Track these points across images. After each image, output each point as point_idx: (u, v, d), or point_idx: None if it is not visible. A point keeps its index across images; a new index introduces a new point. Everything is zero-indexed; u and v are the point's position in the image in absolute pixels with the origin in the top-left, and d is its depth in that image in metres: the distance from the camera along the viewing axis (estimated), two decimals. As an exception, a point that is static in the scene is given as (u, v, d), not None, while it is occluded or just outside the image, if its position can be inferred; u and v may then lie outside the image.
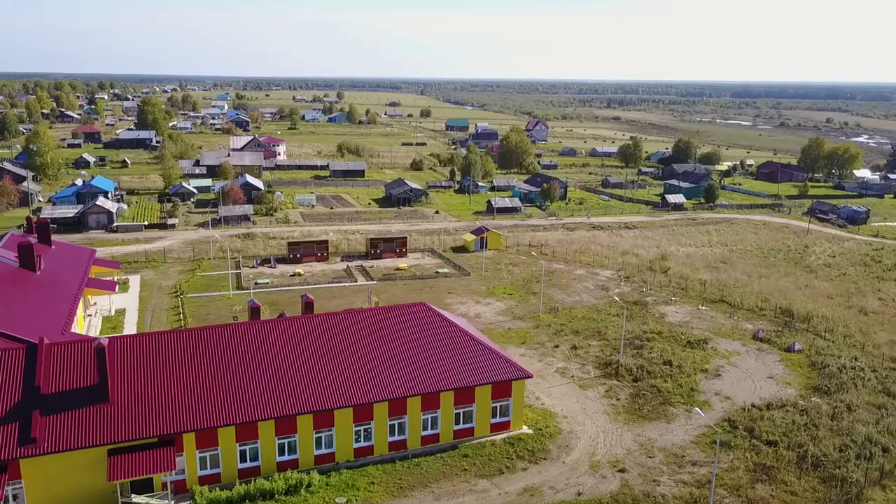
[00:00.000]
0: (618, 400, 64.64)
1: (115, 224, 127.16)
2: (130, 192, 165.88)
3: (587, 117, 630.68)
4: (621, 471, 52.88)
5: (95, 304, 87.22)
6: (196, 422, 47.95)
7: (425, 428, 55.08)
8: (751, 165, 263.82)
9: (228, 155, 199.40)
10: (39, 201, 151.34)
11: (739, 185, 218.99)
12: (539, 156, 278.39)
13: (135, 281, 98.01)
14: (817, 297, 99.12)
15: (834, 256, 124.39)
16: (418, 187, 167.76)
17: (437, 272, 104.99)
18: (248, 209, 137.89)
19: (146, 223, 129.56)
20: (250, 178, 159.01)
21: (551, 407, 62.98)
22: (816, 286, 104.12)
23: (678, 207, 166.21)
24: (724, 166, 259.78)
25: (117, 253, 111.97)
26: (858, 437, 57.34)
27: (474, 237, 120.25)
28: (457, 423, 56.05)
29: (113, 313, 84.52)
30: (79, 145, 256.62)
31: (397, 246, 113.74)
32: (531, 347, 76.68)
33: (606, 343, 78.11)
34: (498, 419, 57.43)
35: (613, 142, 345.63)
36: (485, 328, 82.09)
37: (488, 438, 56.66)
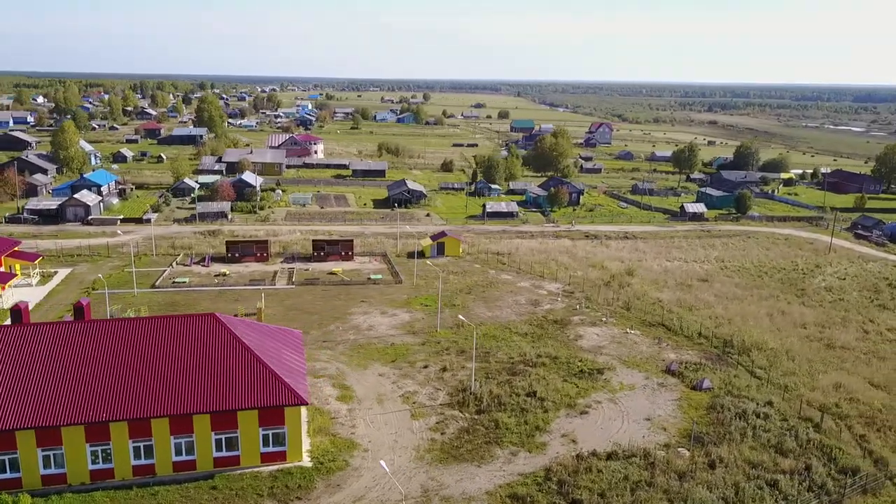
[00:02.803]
0: (442, 434, 56.61)
1: (91, 217, 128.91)
2: (140, 186, 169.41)
3: (681, 121, 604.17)
4: (375, 521, 45.40)
5: (1, 296, 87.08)
6: None
7: (178, 453, 49.55)
8: (825, 174, 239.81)
9: (251, 152, 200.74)
10: (48, 192, 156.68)
11: (795, 195, 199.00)
12: (589, 159, 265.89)
13: (62, 274, 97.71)
14: (788, 325, 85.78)
15: (844, 278, 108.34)
16: (418, 189, 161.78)
17: (370, 278, 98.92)
18: (226, 206, 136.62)
19: (121, 217, 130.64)
20: (246, 176, 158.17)
21: (361, 437, 55.86)
22: (793, 312, 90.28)
23: (697, 217, 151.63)
24: (791, 174, 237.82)
25: (72, 245, 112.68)
26: (691, 504, 47.00)
27: (431, 242, 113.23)
28: (218, 449, 50.18)
29: (6, 306, 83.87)
30: (136, 141, 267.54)
31: (342, 249, 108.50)
32: (397, 367, 69.42)
33: (487, 366, 69.69)
34: (271, 448, 51.08)
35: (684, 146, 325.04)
36: (367, 342, 75.72)
37: (255, 469, 50.44)
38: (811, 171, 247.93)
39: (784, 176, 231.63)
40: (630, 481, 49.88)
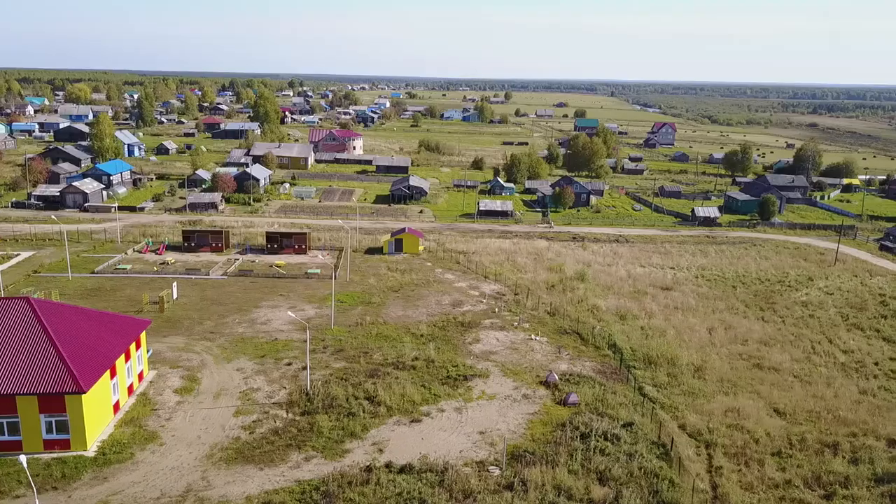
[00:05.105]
0: (251, 433, 54.26)
1: (88, 204, 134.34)
2: (161, 176, 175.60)
3: (778, 123, 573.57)
4: (111, 518, 43.71)
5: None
6: None
7: (-42, 435, 49.74)
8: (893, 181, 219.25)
9: (278, 146, 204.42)
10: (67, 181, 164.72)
11: (847, 202, 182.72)
12: (638, 159, 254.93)
13: (23, 257, 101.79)
14: (725, 341, 77.98)
15: (832, 293, 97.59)
16: (420, 185, 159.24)
17: (307, 273, 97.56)
18: (217, 197, 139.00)
19: (116, 205, 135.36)
20: (251, 168, 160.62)
21: (168, 430, 54.32)
22: (741, 327, 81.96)
23: (708, 222, 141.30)
24: (857, 180, 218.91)
25: (47, 229, 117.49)
26: (446, 528, 42.65)
27: (390, 238, 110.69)
28: None
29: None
30: (193, 134, 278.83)
31: (296, 242, 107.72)
32: (261, 362, 67.51)
33: (355, 367, 66.75)
34: (54, 436, 50.43)
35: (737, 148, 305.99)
36: (252, 336, 74.36)
37: (35, 456, 49.86)
38: (884, 177, 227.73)
39: (846, 181, 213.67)
40: (402, 498, 45.94)
